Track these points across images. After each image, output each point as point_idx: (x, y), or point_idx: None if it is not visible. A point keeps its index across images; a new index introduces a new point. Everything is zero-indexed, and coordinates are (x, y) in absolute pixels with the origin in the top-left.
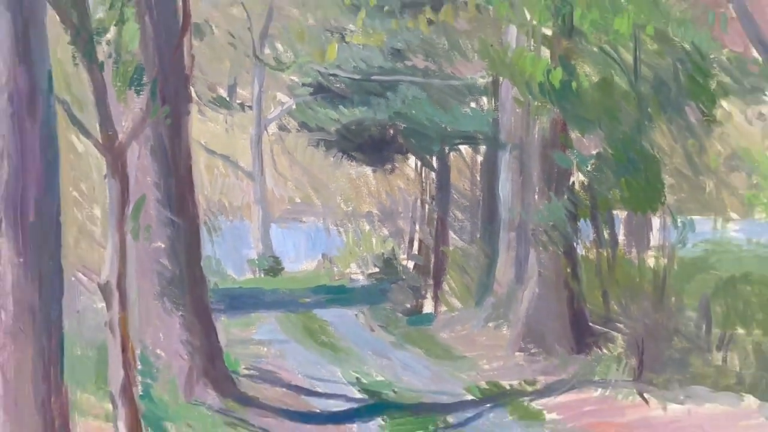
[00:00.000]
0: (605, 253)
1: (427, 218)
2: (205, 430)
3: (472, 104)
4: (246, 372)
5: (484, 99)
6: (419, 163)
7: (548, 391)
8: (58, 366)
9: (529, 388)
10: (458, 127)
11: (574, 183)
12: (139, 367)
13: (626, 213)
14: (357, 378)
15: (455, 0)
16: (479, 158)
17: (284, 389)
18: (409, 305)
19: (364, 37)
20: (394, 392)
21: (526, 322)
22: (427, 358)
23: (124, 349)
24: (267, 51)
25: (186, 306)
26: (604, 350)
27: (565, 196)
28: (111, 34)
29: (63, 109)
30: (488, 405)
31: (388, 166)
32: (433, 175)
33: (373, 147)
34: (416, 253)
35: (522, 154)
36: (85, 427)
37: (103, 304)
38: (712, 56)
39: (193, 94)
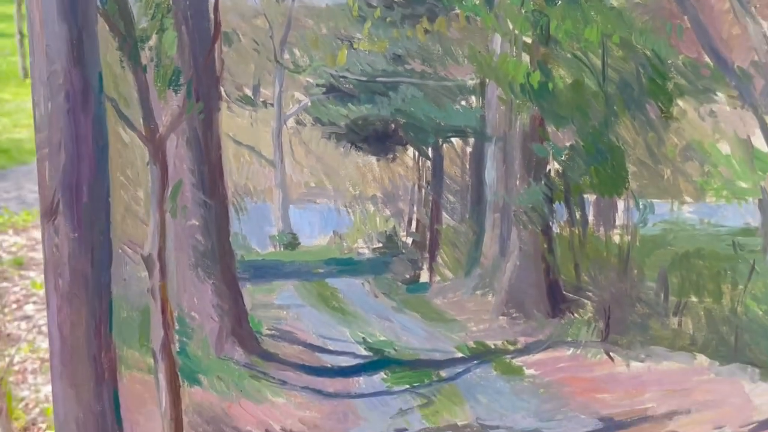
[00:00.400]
0: (577, 231)
1: (424, 200)
2: (232, 381)
3: (463, 102)
4: (268, 332)
5: (473, 98)
6: (417, 153)
7: (527, 349)
8: (108, 325)
9: (511, 348)
10: (450, 122)
11: (550, 170)
12: (177, 327)
13: (595, 197)
14: (363, 338)
15: (448, 12)
16: (468, 149)
17: (301, 347)
18: (408, 275)
19: (369, 44)
20: (395, 350)
21: (508, 290)
22: (423, 321)
23: (163, 312)
24: (286, 56)
25: (216, 275)
26: (576, 315)
27: (543, 182)
28: (153, 41)
29: (111, 105)
30: (475, 361)
31: (390, 156)
32: (428, 163)
33: (377, 139)
34: (414, 230)
35: (505, 145)
36: (130, 378)
37: (146, 273)
38: (669, 61)
39: (223, 93)
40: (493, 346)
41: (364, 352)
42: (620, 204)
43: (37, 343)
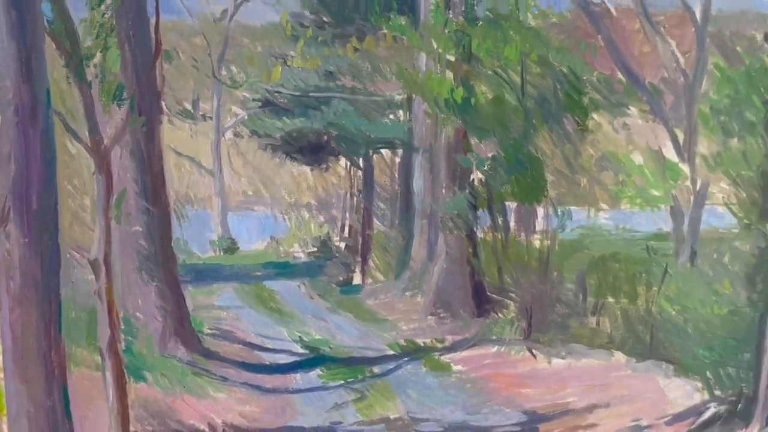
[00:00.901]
0: (500, 237)
1: (355, 207)
2: (176, 378)
3: (391, 116)
4: (209, 331)
5: (401, 112)
6: (348, 164)
7: (454, 347)
8: (57, 326)
9: (439, 345)
10: (380, 135)
11: (474, 180)
12: (122, 327)
13: (516, 204)
14: (299, 337)
15: (376, 32)
16: (397, 159)
17: (240, 346)
18: (341, 278)
19: (302, 61)
20: (330, 348)
21: (436, 292)
22: (356, 320)
23: (109, 313)
24: (224, 72)
25: (160, 278)
26: (500, 315)
27: (467, 191)
28: (97, 59)
29: (59, 119)
30: (406, 359)
31: (324, 166)
32: (359, 173)
33: (310, 150)
34: (347, 236)
35: (432, 156)
36: (79, 375)
37: (93, 276)
38: (584, 77)
39: (164, 107)
40: (422, 344)
41: (301, 350)
42: (540, 211)
43: None
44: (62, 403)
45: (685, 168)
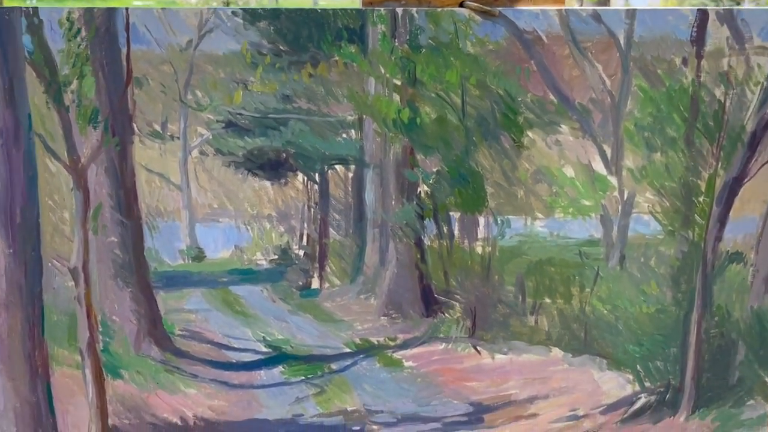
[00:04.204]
0: (445, 244)
1: (313, 218)
2: (150, 375)
3: (344, 135)
4: (180, 332)
5: (353, 131)
6: (306, 178)
7: (405, 345)
8: (40, 328)
9: (392, 343)
10: (334, 152)
11: (420, 192)
12: (100, 329)
13: (459, 214)
14: (263, 337)
15: (329, 59)
16: (350, 174)
17: (209, 345)
18: (301, 282)
19: (261, 86)
20: (291, 347)
21: (388, 294)
22: (315, 321)
23: (88, 316)
24: (190, 96)
25: (134, 284)
26: (446, 315)
27: (414, 202)
28: (74, 85)
29: (40, 140)
30: (361, 356)
31: (283, 180)
32: (316, 186)
33: (270, 166)
34: (305, 244)
35: (382, 171)
36: (60, 373)
37: (73, 283)
38: (519, 99)
39: (135, 129)
40: (376, 342)
41: (264, 349)
42: (481, 220)
43: None
44: (46, 399)
45: (613, 180)
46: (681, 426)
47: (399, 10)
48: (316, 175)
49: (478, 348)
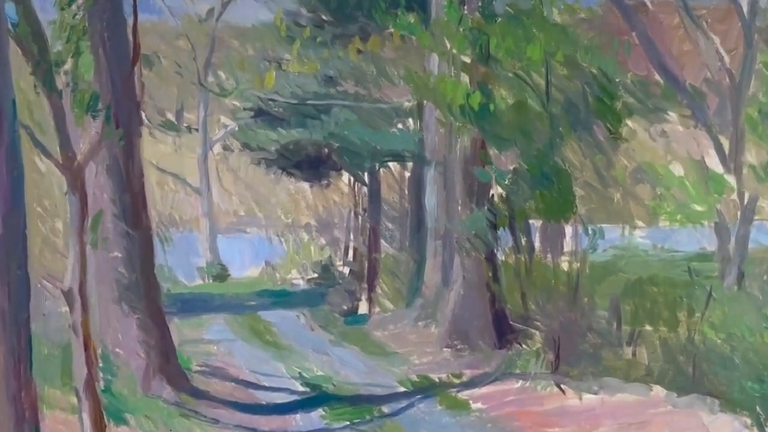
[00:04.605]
0: (523, 258)
1: (361, 228)
2: (161, 421)
3: (399, 125)
4: (198, 368)
5: (410, 120)
6: (352, 179)
7: (473, 383)
8: (27, 363)
9: (456, 381)
10: (387, 146)
11: (493, 195)
12: (101, 364)
13: (541, 222)
14: (299, 373)
15: (381, 31)
16: (407, 174)
17: (233, 384)
18: (345, 307)
19: (299, 65)
20: (333, 385)
21: (452, 321)
22: (363, 354)
23: (86, 349)
24: (211, 78)
25: (142, 309)
26: (524, 346)
27: (486, 207)
28: (68, 65)
29: (26, 133)
30: (419, 396)
31: (324, 182)
32: (365, 189)
33: (309, 164)
34: (351, 259)
35: (445, 169)
36: (52, 419)
37: (67, 308)
38: (617, 79)
39: (144, 119)
40: (437, 380)
41: (301, 388)
42: (568, 229)
43: None
44: None
45: (731, 179)
46: None
47: None
48: (365, 174)
49: (563, 386)
